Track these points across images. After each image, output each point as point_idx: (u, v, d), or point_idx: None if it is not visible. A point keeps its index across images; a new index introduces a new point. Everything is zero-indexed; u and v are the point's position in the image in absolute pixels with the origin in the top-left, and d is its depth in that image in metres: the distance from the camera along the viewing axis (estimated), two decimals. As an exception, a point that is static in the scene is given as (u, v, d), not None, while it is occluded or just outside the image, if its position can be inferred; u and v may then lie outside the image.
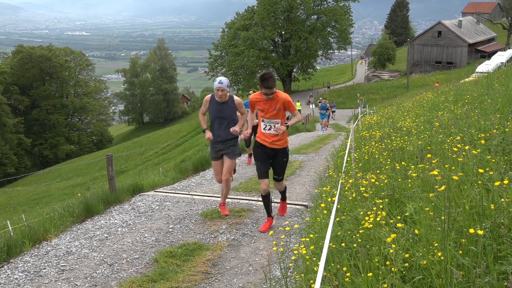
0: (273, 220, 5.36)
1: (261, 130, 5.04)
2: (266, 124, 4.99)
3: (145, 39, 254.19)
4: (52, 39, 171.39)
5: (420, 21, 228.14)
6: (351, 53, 74.21)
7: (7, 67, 54.75)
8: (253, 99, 5.06)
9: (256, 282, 3.88)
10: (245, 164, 10.00)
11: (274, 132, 4.96)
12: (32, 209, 21.48)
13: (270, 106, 4.91)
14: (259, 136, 5.09)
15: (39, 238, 5.03)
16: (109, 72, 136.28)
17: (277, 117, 4.94)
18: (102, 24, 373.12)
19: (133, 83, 78.37)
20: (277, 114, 4.95)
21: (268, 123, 4.97)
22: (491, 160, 3.55)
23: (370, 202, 3.56)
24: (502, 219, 2.55)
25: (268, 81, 4.73)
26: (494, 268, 2.28)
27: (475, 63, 46.12)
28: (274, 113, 4.94)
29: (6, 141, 48.16)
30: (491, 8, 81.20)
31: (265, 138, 5.03)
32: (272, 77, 4.77)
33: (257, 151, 5.10)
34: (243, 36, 51.82)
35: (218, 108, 5.59)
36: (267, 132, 5.01)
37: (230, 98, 5.59)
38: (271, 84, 4.75)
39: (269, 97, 4.87)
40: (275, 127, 4.93)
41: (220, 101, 5.53)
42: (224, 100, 5.54)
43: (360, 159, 6.03)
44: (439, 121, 6.11)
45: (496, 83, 9.22)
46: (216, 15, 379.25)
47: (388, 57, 61.51)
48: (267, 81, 4.73)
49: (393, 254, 2.53)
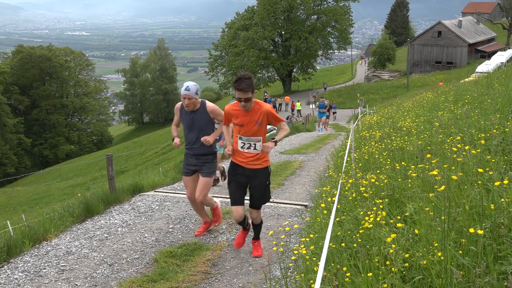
0: (248, 232, 4.61)
1: (238, 148, 4.15)
2: (245, 142, 4.10)
3: (145, 39, 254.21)
4: (52, 39, 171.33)
5: (420, 21, 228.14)
6: (351, 53, 74.20)
7: (7, 67, 54.74)
8: (230, 110, 4.13)
9: (256, 282, 3.88)
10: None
11: (256, 152, 4.09)
12: (32, 209, 21.48)
13: (250, 120, 4.02)
14: (235, 156, 4.21)
15: (39, 238, 5.03)
16: (109, 72, 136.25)
17: (258, 133, 4.07)
18: (102, 24, 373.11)
19: (133, 83, 78.39)
20: (259, 130, 4.06)
21: (248, 141, 4.08)
22: (491, 160, 3.55)
23: (370, 202, 3.56)
24: (502, 219, 2.55)
25: (241, 82, 3.83)
26: (494, 268, 2.28)
27: (475, 63, 46.12)
28: (255, 129, 4.04)
29: (6, 141, 48.16)
30: (491, 8, 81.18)
31: (241, 158, 4.16)
32: (249, 80, 3.87)
33: (232, 173, 4.23)
34: (243, 36, 51.81)
35: (189, 118, 4.77)
36: (245, 151, 4.13)
37: (202, 105, 4.70)
38: (244, 86, 3.83)
39: (245, 108, 3.96)
40: (259, 146, 4.08)
41: (189, 110, 4.69)
42: (193, 109, 4.69)
43: (360, 159, 6.03)
44: (439, 121, 6.11)
45: (496, 83, 9.21)
46: (216, 15, 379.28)
47: (388, 57, 61.51)
48: (239, 82, 3.84)
49: (393, 254, 2.53)
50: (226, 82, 54.57)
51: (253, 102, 4.00)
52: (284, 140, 16.10)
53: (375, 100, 38.73)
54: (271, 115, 4.09)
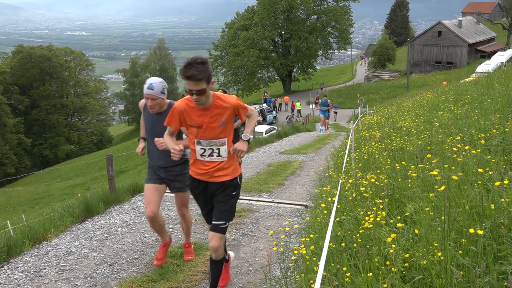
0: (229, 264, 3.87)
1: (197, 157, 3.26)
2: (205, 147, 3.20)
3: (145, 39, 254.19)
4: (52, 39, 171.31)
5: (420, 21, 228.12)
6: (351, 53, 74.19)
7: (7, 67, 54.73)
8: (182, 107, 3.17)
9: (256, 282, 3.88)
10: (244, 164, 9.99)
11: (220, 159, 3.22)
12: (32, 209, 21.46)
13: (211, 119, 3.13)
14: (193, 167, 3.32)
15: (39, 238, 5.03)
16: (109, 72, 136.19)
17: (222, 135, 3.19)
18: (102, 24, 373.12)
19: (133, 83, 78.33)
20: (223, 130, 3.19)
21: (209, 146, 3.19)
22: (491, 160, 3.55)
23: (370, 202, 3.56)
24: (502, 219, 2.55)
25: (190, 68, 2.91)
26: (494, 268, 2.28)
27: (475, 63, 46.11)
28: (219, 130, 3.16)
29: (6, 141, 48.15)
30: (491, 8, 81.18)
31: (201, 170, 3.26)
32: (202, 65, 2.92)
33: (194, 192, 3.41)
34: (243, 36, 51.82)
35: (152, 121, 3.93)
36: (206, 160, 3.23)
37: (170, 107, 3.79)
38: (194, 73, 2.90)
39: (200, 103, 3.06)
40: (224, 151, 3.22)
41: (153, 112, 3.87)
42: (159, 110, 3.86)
43: (360, 159, 6.03)
44: (439, 121, 6.11)
45: (496, 83, 9.21)
46: (216, 15, 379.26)
47: (388, 57, 61.53)
48: (188, 68, 2.92)
49: (393, 254, 2.53)
50: (226, 82, 54.57)
51: (211, 96, 3.11)
52: (284, 140, 16.08)
53: (375, 100, 38.73)
54: (239, 109, 3.22)
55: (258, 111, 31.64)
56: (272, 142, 15.16)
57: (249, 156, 11.24)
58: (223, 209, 3.27)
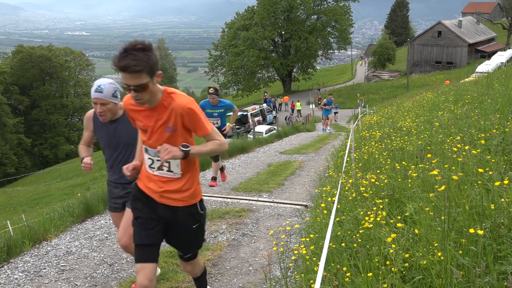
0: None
1: (146, 168, 2.68)
2: (153, 158, 2.59)
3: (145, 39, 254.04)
4: (52, 39, 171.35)
5: (420, 21, 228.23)
6: (351, 53, 74.21)
7: (7, 67, 54.74)
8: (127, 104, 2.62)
9: (256, 282, 3.88)
10: (244, 164, 9.99)
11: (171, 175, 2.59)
12: (32, 209, 21.46)
13: (156, 123, 2.50)
14: (142, 178, 2.72)
15: (39, 238, 5.03)
16: (109, 72, 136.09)
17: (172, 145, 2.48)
18: (102, 24, 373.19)
19: (133, 83, 78.39)
20: (172, 138, 2.51)
21: (157, 156, 2.54)
22: (491, 160, 3.56)
23: (370, 202, 3.56)
24: (502, 219, 2.55)
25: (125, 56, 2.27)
26: (494, 268, 2.28)
27: (475, 63, 46.13)
28: (165, 136, 2.51)
29: (6, 141, 48.16)
30: (491, 8, 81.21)
31: (151, 184, 2.65)
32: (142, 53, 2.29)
33: (137, 204, 2.69)
34: (243, 36, 51.85)
35: (107, 132, 3.37)
36: (155, 173, 2.62)
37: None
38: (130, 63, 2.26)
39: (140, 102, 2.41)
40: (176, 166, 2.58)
41: (105, 120, 3.30)
42: (113, 118, 3.32)
43: (360, 159, 6.03)
44: (439, 121, 6.11)
45: (496, 83, 9.22)
46: (216, 15, 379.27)
47: (388, 57, 61.56)
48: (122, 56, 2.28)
49: (393, 254, 2.53)
50: (226, 82, 54.61)
51: (159, 92, 2.45)
52: (284, 140, 16.06)
53: (375, 100, 38.74)
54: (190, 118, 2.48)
55: (258, 111, 31.61)
56: (272, 142, 15.15)
57: (249, 156, 11.24)
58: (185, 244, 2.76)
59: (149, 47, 2.35)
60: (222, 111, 7.04)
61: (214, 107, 6.96)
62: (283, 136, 17.17)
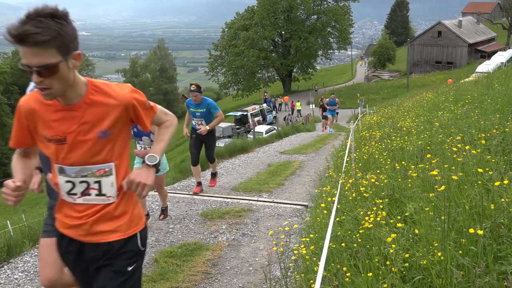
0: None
1: (62, 197, 1.90)
2: (74, 180, 1.84)
3: (145, 39, 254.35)
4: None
5: (420, 21, 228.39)
6: (351, 53, 74.20)
7: (7, 67, 54.75)
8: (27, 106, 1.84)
9: (256, 282, 3.88)
10: (244, 164, 9.98)
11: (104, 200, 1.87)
12: (32, 209, 21.47)
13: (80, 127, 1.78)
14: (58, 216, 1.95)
15: (39, 238, 5.02)
16: (109, 72, 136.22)
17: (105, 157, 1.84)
18: (102, 24, 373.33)
19: (133, 83, 77.19)
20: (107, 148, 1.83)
21: (80, 176, 1.84)
22: (491, 160, 3.56)
23: (370, 202, 3.56)
24: (502, 219, 2.55)
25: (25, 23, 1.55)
26: (494, 268, 2.28)
27: (475, 63, 46.12)
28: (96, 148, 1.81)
29: (6, 141, 48.18)
30: (491, 8, 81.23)
31: (70, 220, 1.89)
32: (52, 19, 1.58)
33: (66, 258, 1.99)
34: (243, 36, 51.86)
35: None
36: (78, 201, 1.87)
37: None
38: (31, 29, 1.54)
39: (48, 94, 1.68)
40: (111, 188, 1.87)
41: None
42: None
43: (360, 159, 6.03)
44: (439, 121, 6.11)
45: (496, 83, 9.22)
46: (216, 15, 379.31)
47: (388, 57, 61.56)
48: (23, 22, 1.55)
49: (393, 254, 2.53)
50: (226, 82, 54.60)
51: (79, 83, 1.77)
52: (284, 140, 16.04)
53: (375, 100, 38.75)
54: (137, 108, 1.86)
55: (258, 111, 31.60)
56: (272, 142, 15.14)
57: (249, 156, 11.24)
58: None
59: (63, 14, 1.62)
60: (204, 111, 6.37)
61: (197, 106, 6.36)
62: (283, 136, 17.16)
